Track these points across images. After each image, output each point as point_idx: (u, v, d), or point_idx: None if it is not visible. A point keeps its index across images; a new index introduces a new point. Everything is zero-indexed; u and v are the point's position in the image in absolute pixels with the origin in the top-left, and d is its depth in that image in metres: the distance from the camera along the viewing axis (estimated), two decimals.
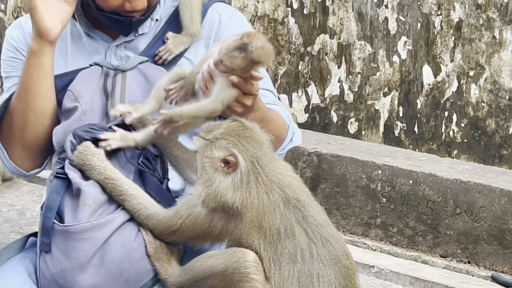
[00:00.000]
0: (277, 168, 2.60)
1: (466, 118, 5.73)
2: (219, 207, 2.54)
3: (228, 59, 2.65)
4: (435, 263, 5.10)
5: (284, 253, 2.52)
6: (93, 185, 2.70)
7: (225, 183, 2.53)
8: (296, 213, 2.55)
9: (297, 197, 2.57)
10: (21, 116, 2.91)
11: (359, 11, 6.13)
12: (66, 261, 2.65)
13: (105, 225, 2.65)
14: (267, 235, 2.52)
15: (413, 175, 5.17)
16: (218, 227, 2.56)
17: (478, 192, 4.98)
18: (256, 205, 2.52)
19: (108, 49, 3.04)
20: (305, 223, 2.55)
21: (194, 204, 2.59)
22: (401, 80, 5.99)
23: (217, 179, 2.54)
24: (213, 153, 2.55)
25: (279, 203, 2.54)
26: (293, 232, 2.53)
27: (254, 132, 2.61)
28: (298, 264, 2.52)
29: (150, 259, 2.68)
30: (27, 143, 2.93)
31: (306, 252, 2.52)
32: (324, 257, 2.53)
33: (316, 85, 6.38)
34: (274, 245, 2.52)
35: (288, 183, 2.59)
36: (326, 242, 2.55)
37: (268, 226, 2.52)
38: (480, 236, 4.99)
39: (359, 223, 5.36)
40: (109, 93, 2.89)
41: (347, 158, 5.44)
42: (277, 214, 2.53)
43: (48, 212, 2.69)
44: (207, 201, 2.55)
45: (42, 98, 2.90)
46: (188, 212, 2.59)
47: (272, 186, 2.55)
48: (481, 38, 5.61)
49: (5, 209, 5.40)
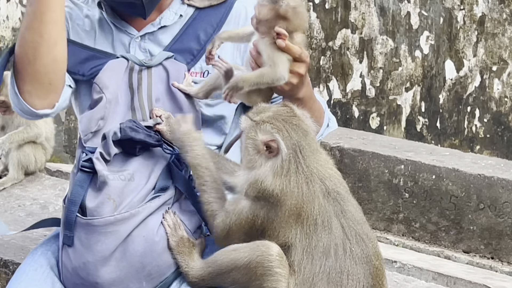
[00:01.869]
0: (319, 160, 2.59)
1: (489, 113, 5.70)
2: (260, 194, 2.53)
3: (257, 7, 2.71)
4: (458, 259, 5.07)
5: (319, 246, 2.50)
6: (119, 179, 2.71)
7: (265, 168, 2.54)
8: (335, 206, 2.54)
9: (337, 190, 2.56)
10: (31, 47, 2.86)
11: (381, 6, 6.10)
12: (88, 254, 2.66)
13: (129, 219, 2.66)
14: (304, 225, 2.50)
15: (436, 170, 5.14)
16: (260, 216, 2.54)
17: (502, 187, 4.94)
18: (296, 194, 2.51)
19: (132, 40, 3.05)
20: (342, 217, 2.53)
21: (239, 199, 2.59)
22: (423, 75, 5.97)
23: (258, 161, 2.55)
24: (257, 136, 2.56)
25: (319, 194, 2.53)
26: (330, 225, 2.51)
27: (302, 121, 2.61)
28: (331, 260, 2.50)
29: (172, 253, 2.68)
30: (37, 76, 2.87)
31: (340, 248, 2.50)
32: (357, 255, 2.52)
33: (338, 80, 6.36)
34: (309, 236, 2.50)
35: (329, 175, 2.58)
36: (360, 240, 2.53)
37: (306, 216, 2.50)
38: (503, 232, 4.96)
39: (382, 218, 5.34)
40: (135, 88, 2.91)
41: (369, 153, 5.42)
42: (315, 205, 2.51)
43: (72, 206, 2.70)
44: (249, 189, 2.55)
45: (56, 29, 2.87)
46: (233, 207, 2.59)
47: (312, 176, 2.54)
48: (504, 32, 5.57)
49: (28, 203, 5.41)
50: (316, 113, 2.90)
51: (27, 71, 2.88)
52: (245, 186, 2.56)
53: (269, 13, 2.69)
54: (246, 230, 2.58)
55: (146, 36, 3.04)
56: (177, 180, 2.77)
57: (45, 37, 2.85)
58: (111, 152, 2.73)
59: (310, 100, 2.89)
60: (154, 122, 2.81)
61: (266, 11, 2.69)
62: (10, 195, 5.58)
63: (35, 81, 2.88)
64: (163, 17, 3.05)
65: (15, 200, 5.46)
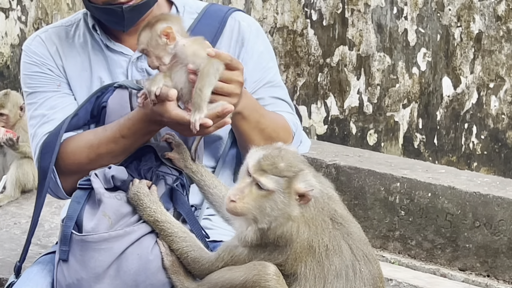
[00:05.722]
0: (324, 183, 2.57)
1: (486, 130, 5.70)
2: (269, 241, 2.48)
3: (138, 40, 2.71)
4: (454, 277, 5.06)
5: (331, 270, 2.47)
6: (115, 198, 2.72)
7: (296, 215, 2.47)
8: (341, 229, 2.50)
9: (340, 213, 2.53)
10: (105, 160, 2.87)
11: (379, 23, 6.11)
12: (82, 271, 2.67)
13: (123, 237, 2.66)
14: (316, 254, 2.47)
15: (432, 187, 5.14)
16: (260, 258, 2.51)
17: (497, 205, 4.94)
18: (309, 229, 2.47)
19: (129, 62, 3.05)
20: (350, 239, 2.50)
21: (235, 246, 2.56)
22: (421, 92, 5.97)
23: (293, 211, 2.46)
24: (296, 188, 2.45)
25: (328, 221, 2.49)
26: (340, 248, 2.48)
27: (293, 151, 2.56)
28: (342, 282, 2.47)
29: (167, 272, 2.68)
30: (87, 172, 2.87)
31: (350, 270, 2.48)
32: (365, 276, 2.50)
33: (335, 96, 6.36)
34: (321, 263, 2.47)
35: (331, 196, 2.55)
36: (367, 261, 2.51)
37: (318, 245, 2.47)
38: (499, 250, 4.95)
39: (378, 235, 5.33)
40: None
41: (365, 171, 5.42)
42: (325, 232, 2.48)
43: (68, 221, 2.72)
44: (256, 240, 2.49)
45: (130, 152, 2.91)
46: (230, 255, 2.56)
47: (323, 205, 2.50)
48: (501, 49, 5.58)
49: (23, 220, 5.42)
50: (269, 130, 2.86)
51: (82, 169, 2.89)
52: (248, 239, 2.50)
53: (146, 33, 2.70)
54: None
55: (142, 56, 3.05)
56: (178, 203, 2.77)
57: (119, 159, 2.88)
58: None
59: (254, 113, 2.85)
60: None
61: (143, 35, 2.71)
62: (6, 212, 5.59)
63: (84, 175, 2.88)
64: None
65: (10, 218, 5.47)
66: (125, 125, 2.83)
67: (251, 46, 3.09)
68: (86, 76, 3.06)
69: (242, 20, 3.12)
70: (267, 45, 3.18)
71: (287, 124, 3.01)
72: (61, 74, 3.08)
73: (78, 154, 2.92)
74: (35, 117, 3.05)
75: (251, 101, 2.86)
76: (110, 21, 3.02)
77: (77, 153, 2.92)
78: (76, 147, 2.91)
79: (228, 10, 3.11)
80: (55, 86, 3.05)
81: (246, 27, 3.11)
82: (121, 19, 2.96)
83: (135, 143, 2.86)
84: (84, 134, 2.95)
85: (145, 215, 2.69)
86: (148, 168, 2.84)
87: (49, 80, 3.06)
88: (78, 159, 2.91)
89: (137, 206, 2.70)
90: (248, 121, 2.84)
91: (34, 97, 3.08)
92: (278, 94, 3.11)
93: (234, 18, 3.11)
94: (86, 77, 3.06)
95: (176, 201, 2.77)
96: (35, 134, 3.03)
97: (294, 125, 3.06)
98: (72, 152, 2.92)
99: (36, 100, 3.07)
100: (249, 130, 2.85)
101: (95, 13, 3.03)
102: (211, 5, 3.13)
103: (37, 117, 3.04)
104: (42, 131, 3.00)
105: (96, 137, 2.89)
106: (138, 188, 2.72)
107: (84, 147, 2.90)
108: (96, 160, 2.86)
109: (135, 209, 2.71)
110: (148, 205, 2.69)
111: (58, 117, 2.98)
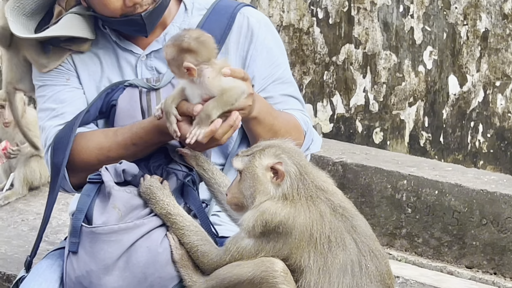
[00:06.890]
0: (321, 176, 2.58)
1: (492, 129, 5.70)
2: (267, 228, 2.50)
3: (164, 49, 2.71)
4: (460, 274, 5.06)
5: (335, 263, 2.47)
6: (125, 191, 2.73)
7: (272, 197, 2.51)
8: (344, 222, 2.51)
9: (343, 206, 2.54)
10: (112, 159, 2.90)
11: (385, 21, 6.12)
12: (91, 263, 2.68)
13: (133, 229, 2.68)
14: (318, 245, 2.48)
15: (438, 185, 5.14)
16: (266, 249, 2.52)
17: (504, 202, 4.94)
18: (303, 215, 2.49)
19: (138, 60, 3.06)
20: (354, 233, 2.51)
21: (241, 238, 2.57)
22: (427, 90, 5.97)
23: (264, 192, 2.51)
24: (262, 162, 2.53)
25: (326, 210, 2.50)
26: (344, 241, 2.49)
27: (292, 145, 2.60)
28: (348, 277, 2.47)
29: (176, 265, 2.69)
30: (94, 170, 2.89)
31: (356, 265, 2.48)
32: (372, 272, 2.49)
33: (341, 95, 6.37)
34: (324, 255, 2.48)
35: (333, 190, 2.57)
36: (374, 256, 2.51)
37: (318, 235, 2.48)
38: (506, 247, 4.95)
39: (384, 233, 5.33)
40: (145, 110, 2.94)
41: (372, 168, 5.42)
42: (325, 222, 2.49)
43: (78, 214, 2.74)
44: (255, 227, 2.51)
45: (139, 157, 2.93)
46: (237, 246, 2.57)
47: (317, 193, 2.52)
48: (508, 48, 5.58)
49: (31, 217, 5.43)
50: (282, 131, 2.88)
51: (90, 168, 2.90)
52: (250, 224, 2.53)
53: (174, 51, 2.67)
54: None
55: (152, 54, 3.06)
56: (189, 198, 2.79)
57: (128, 161, 2.88)
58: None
59: (269, 117, 2.88)
60: None
61: (170, 50, 2.68)
62: (13, 209, 5.59)
63: (91, 171, 2.89)
64: (168, 33, 3.06)
65: (18, 215, 5.48)
66: (137, 134, 2.87)
67: (260, 42, 3.09)
68: (97, 71, 3.07)
69: (251, 15, 3.12)
70: (277, 41, 3.17)
71: (299, 124, 3.03)
72: (71, 68, 3.09)
73: (87, 154, 2.94)
74: (44, 110, 3.08)
75: (265, 104, 2.88)
76: (131, 30, 3.03)
77: (86, 152, 2.95)
78: (86, 147, 2.94)
79: (237, 6, 3.11)
80: (64, 80, 3.07)
81: (255, 22, 3.10)
82: (142, 26, 2.98)
83: (145, 150, 2.89)
84: (95, 134, 2.97)
85: (157, 208, 2.70)
86: (158, 165, 2.86)
87: (58, 74, 3.08)
88: (87, 158, 2.94)
89: (150, 200, 2.72)
90: (263, 125, 2.86)
91: (44, 90, 3.10)
92: (288, 91, 3.11)
93: (243, 13, 3.10)
94: (98, 72, 3.08)
95: (187, 197, 2.79)
96: (44, 127, 3.07)
97: (305, 124, 3.07)
98: (81, 151, 2.95)
99: (45, 93, 3.10)
100: (263, 133, 2.87)
101: (115, 25, 3.03)
102: (219, 1, 3.12)
103: (46, 110, 3.07)
104: (51, 124, 3.03)
105: (107, 140, 2.93)
106: (150, 182, 2.74)
107: (94, 148, 2.94)
108: (105, 162, 2.88)
109: (145, 202, 2.73)
110: (161, 198, 2.70)
111: (67, 111, 3.02)
